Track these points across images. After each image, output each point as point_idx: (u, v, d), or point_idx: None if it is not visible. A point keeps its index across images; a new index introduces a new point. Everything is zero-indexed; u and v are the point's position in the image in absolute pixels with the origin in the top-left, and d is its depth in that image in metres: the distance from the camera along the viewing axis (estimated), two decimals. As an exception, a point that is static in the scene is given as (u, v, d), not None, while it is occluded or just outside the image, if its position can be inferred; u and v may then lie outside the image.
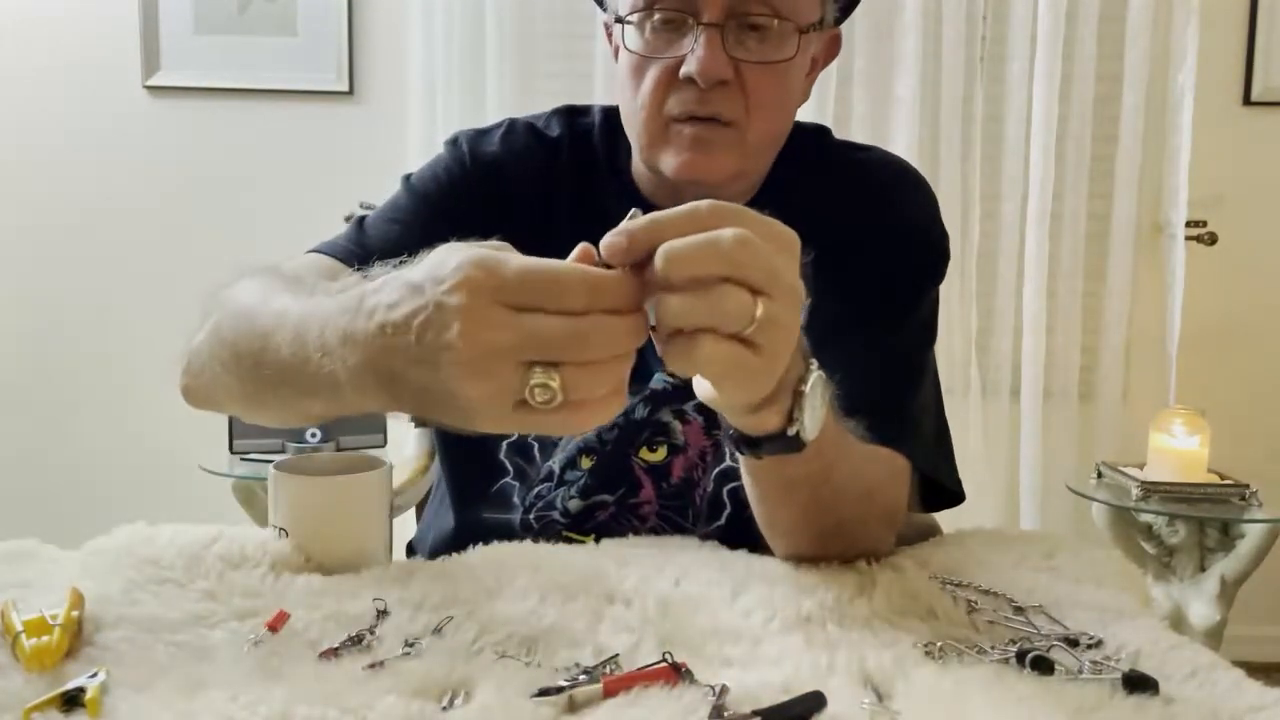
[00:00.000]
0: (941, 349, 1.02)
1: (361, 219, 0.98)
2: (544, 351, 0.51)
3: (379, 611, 0.66)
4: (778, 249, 0.56)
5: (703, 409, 0.91)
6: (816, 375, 0.65)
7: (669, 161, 0.90)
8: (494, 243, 0.55)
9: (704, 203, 0.55)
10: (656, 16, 0.88)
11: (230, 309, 0.71)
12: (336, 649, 0.61)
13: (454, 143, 1.01)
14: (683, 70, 0.86)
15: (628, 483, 0.94)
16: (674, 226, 0.53)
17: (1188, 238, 2.49)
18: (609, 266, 0.53)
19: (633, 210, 0.55)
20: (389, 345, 0.53)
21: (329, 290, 0.61)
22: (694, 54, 0.85)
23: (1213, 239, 2.53)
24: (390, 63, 2.55)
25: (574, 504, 0.94)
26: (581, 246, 0.54)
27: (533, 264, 0.52)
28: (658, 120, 0.90)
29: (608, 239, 0.53)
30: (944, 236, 1.01)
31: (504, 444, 0.97)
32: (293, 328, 0.61)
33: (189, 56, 2.59)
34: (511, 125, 1.02)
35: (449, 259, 0.52)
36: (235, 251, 0.73)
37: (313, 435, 2.14)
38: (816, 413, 0.65)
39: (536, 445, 0.96)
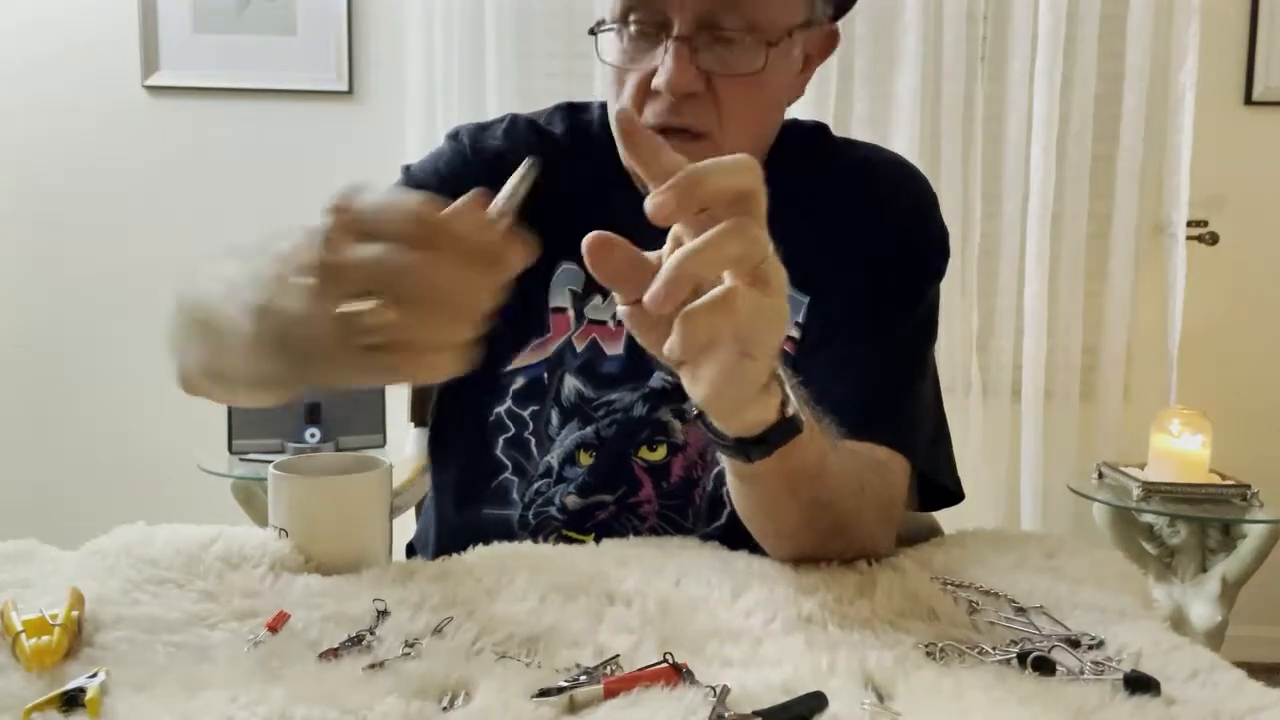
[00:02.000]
0: (941, 349, 1.02)
1: None
2: (367, 279, 0.49)
3: (379, 612, 0.66)
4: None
5: None
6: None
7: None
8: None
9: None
10: (632, 27, 0.87)
11: (181, 281, 0.71)
12: (336, 649, 0.61)
13: (455, 136, 1.01)
14: (653, 82, 0.86)
15: (627, 482, 0.94)
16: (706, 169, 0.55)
17: (1189, 238, 2.49)
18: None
19: (528, 159, 0.55)
20: (272, 280, 0.54)
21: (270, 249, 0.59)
22: (663, 66, 0.85)
23: (1214, 239, 2.53)
24: (390, 62, 2.56)
25: (571, 500, 0.94)
26: (472, 193, 0.52)
27: (389, 193, 0.51)
28: None
29: (652, 200, 0.53)
30: (944, 233, 1.01)
31: (500, 439, 0.97)
32: (227, 283, 0.61)
33: (188, 56, 2.59)
34: (513, 120, 1.02)
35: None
36: (235, 251, 0.73)
37: (312, 435, 2.13)
38: (795, 391, 0.66)
39: (533, 440, 0.96)
